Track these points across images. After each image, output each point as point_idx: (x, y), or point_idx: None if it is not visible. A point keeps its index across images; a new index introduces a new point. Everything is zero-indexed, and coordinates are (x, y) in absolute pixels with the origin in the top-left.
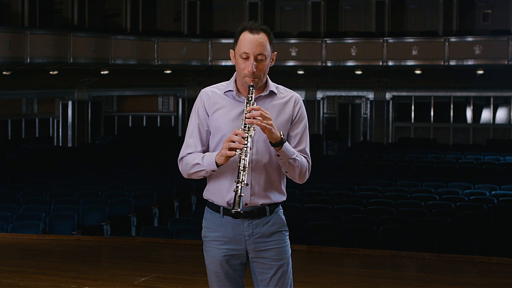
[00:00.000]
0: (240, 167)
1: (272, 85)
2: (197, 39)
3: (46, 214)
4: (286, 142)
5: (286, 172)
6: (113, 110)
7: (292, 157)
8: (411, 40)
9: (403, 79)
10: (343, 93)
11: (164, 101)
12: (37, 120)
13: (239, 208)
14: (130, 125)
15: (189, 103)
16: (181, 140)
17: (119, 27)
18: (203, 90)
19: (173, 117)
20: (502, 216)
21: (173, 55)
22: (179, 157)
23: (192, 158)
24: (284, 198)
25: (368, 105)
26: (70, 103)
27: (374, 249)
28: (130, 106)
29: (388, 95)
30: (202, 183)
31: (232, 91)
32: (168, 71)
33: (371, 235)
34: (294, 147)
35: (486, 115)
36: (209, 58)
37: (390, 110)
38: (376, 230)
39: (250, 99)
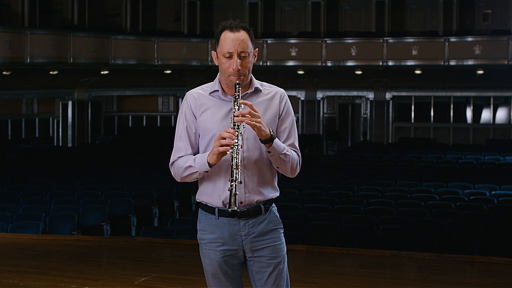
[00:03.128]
0: (233, 166)
1: (257, 83)
2: (197, 39)
3: (46, 214)
4: (276, 138)
5: (278, 167)
6: (113, 110)
7: (283, 152)
8: (411, 40)
9: (403, 79)
10: (343, 93)
11: (164, 101)
12: (37, 120)
13: (235, 206)
14: (130, 125)
15: None
16: None
17: (119, 27)
18: (188, 93)
19: (173, 117)
20: (502, 216)
21: (173, 55)
22: (170, 161)
23: (184, 161)
24: (277, 193)
25: (368, 105)
26: (70, 103)
27: (374, 249)
28: (130, 106)
29: (388, 95)
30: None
31: (218, 91)
32: (168, 71)
33: (371, 235)
34: (283, 142)
35: (486, 115)
36: (209, 58)
37: (390, 110)
38: (376, 230)
39: (237, 97)
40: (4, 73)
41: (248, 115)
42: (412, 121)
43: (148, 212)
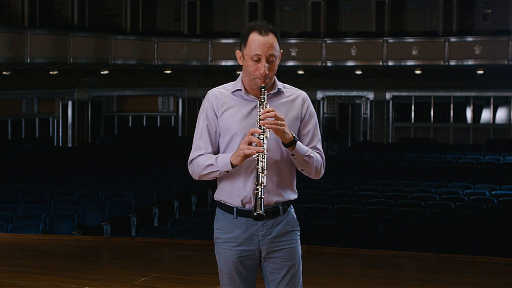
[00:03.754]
0: (259, 170)
1: (280, 84)
2: (197, 39)
3: (46, 214)
4: (299, 141)
5: (302, 170)
6: (113, 110)
7: (306, 154)
8: (411, 40)
9: (403, 79)
10: (343, 93)
11: (164, 101)
12: (37, 120)
13: (261, 210)
14: (130, 125)
15: (189, 103)
16: (181, 140)
17: (119, 27)
18: (210, 92)
19: (173, 117)
20: (502, 216)
21: (173, 55)
22: (189, 159)
23: (204, 160)
24: (295, 195)
25: (368, 105)
26: (70, 103)
27: (374, 249)
28: (130, 106)
29: (388, 95)
30: (202, 183)
31: (240, 90)
32: (168, 71)
33: (371, 235)
34: (306, 145)
35: (486, 115)
36: (209, 58)
37: (390, 110)
38: (376, 230)
39: (263, 100)
40: (4, 73)
41: (272, 118)
42: (412, 121)
43: (148, 212)
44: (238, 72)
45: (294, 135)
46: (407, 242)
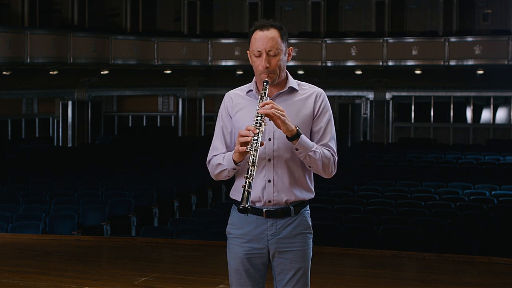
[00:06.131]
0: (249, 163)
1: (293, 82)
2: (197, 39)
3: (46, 214)
4: (303, 134)
5: (310, 166)
6: (113, 110)
7: (312, 149)
8: (411, 40)
9: (403, 79)
10: (343, 93)
11: (164, 101)
12: (37, 120)
13: (247, 203)
14: (130, 125)
15: (189, 103)
16: (181, 140)
17: (119, 27)
18: (226, 94)
19: (173, 117)
20: (502, 216)
21: (173, 55)
22: (207, 160)
23: (216, 159)
24: (311, 195)
25: (368, 105)
26: (70, 103)
27: (374, 249)
28: (130, 106)
29: (388, 95)
30: (202, 183)
31: (253, 90)
32: (168, 71)
33: (371, 235)
34: (317, 142)
35: (486, 115)
36: (209, 58)
37: (390, 110)
38: (376, 230)
39: (263, 94)
40: (4, 73)
41: (271, 108)
42: (412, 121)
43: (148, 212)
44: (238, 72)
45: (298, 128)
46: (407, 242)
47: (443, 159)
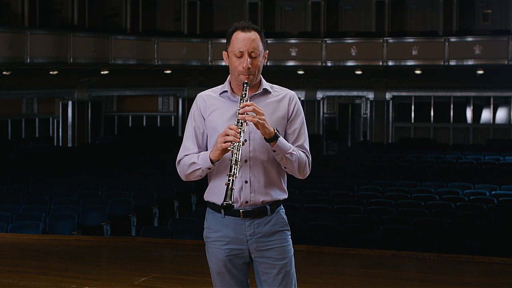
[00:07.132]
0: (232, 161)
1: (266, 84)
2: (197, 39)
3: (46, 214)
4: (281, 137)
5: (285, 167)
6: (113, 110)
7: (289, 151)
8: (411, 40)
9: (403, 79)
10: (343, 93)
11: (164, 101)
12: (37, 120)
13: (230, 201)
14: (130, 125)
15: (189, 103)
16: (181, 140)
17: (119, 27)
18: (198, 95)
19: (173, 117)
20: (502, 216)
21: (173, 55)
22: (177, 160)
23: (189, 159)
24: (285, 195)
25: (368, 105)
26: (70, 103)
27: (374, 249)
28: (130, 106)
29: (388, 95)
30: (202, 183)
31: (227, 91)
32: (168, 71)
33: (371, 235)
34: (292, 143)
35: (486, 115)
36: (209, 58)
37: (390, 110)
38: (376, 230)
39: (243, 95)
40: (4, 73)
41: (252, 113)
42: (412, 121)
43: (148, 212)
44: None
45: (276, 130)
46: (407, 242)
47: (443, 159)
